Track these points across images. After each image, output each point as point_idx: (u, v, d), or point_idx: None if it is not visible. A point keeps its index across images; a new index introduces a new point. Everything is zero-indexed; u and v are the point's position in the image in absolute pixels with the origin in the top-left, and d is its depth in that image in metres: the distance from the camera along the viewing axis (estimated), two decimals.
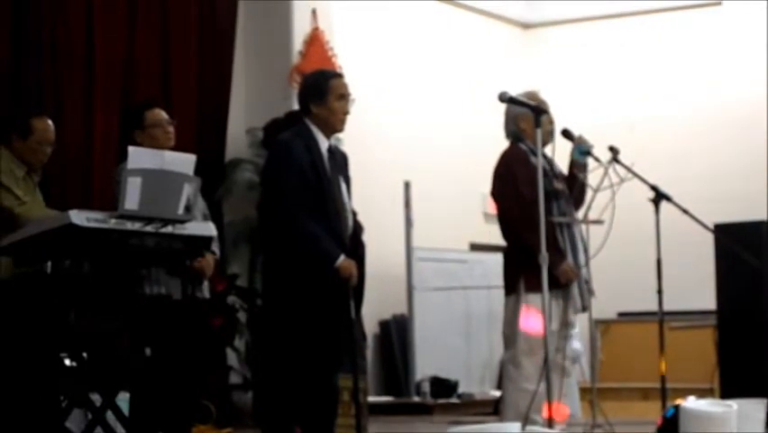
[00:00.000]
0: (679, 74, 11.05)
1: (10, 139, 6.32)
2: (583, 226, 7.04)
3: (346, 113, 6.21)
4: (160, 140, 6.43)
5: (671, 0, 11.09)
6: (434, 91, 10.60)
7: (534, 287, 6.60)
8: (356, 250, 6.13)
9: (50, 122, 6.32)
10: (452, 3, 10.86)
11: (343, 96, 6.19)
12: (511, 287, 7.00)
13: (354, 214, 6.27)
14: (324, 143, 6.14)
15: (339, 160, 6.22)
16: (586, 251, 7.02)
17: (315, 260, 5.93)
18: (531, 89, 7.17)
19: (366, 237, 6.52)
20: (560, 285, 6.84)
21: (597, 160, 6.93)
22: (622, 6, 11.31)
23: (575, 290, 6.98)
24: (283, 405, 5.97)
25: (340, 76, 6.38)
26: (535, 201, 6.34)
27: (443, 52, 10.78)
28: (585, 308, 7.07)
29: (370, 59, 9.94)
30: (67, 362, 5.81)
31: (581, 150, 6.98)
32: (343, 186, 6.17)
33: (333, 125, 6.18)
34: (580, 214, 7.07)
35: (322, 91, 6.15)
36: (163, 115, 6.56)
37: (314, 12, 9.18)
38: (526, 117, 6.76)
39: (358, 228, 6.28)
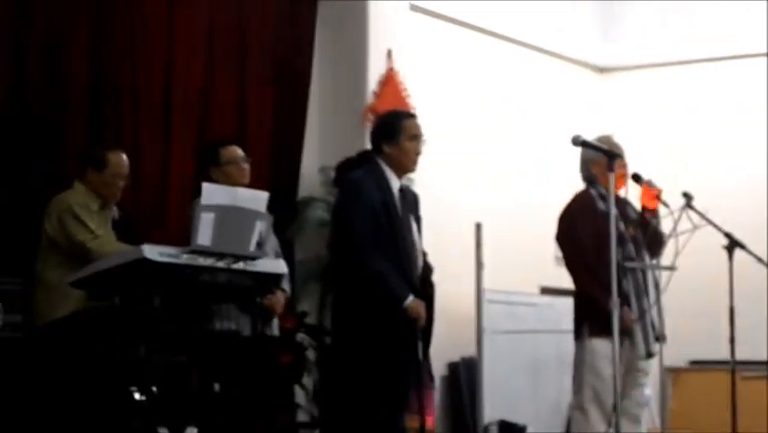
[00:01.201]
0: (755, 122, 10.94)
1: (85, 172, 6.41)
2: (657, 273, 6.99)
3: (418, 153, 6.23)
4: (234, 177, 6.49)
5: (749, 47, 11.00)
6: (508, 133, 10.58)
7: (597, 332, 6.57)
8: (425, 290, 6.12)
9: (124, 156, 6.41)
10: (527, 46, 10.85)
11: (416, 137, 6.22)
12: (578, 332, 6.98)
13: (424, 254, 6.28)
14: (395, 183, 6.15)
15: (410, 200, 6.24)
16: (659, 297, 6.96)
17: (384, 299, 5.93)
18: (605, 134, 7.15)
19: (436, 278, 6.52)
20: (621, 331, 6.78)
21: (665, 205, 6.88)
22: (698, 52, 11.22)
23: (639, 336, 6.92)
24: None
25: (413, 116, 6.41)
26: (594, 246, 6.32)
27: (518, 95, 10.76)
28: (650, 355, 7.00)
29: (444, 100, 9.95)
30: (136, 395, 5.85)
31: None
32: (414, 226, 6.18)
33: (405, 165, 6.20)
34: (655, 260, 7.02)
35: (395, 131, 6.18)
36: (238, 152, 6.63)
37: (389, 52, 9.22)
38: (599, 162, 6.74)
39: (427, 269, 6.28)
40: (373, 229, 5.99)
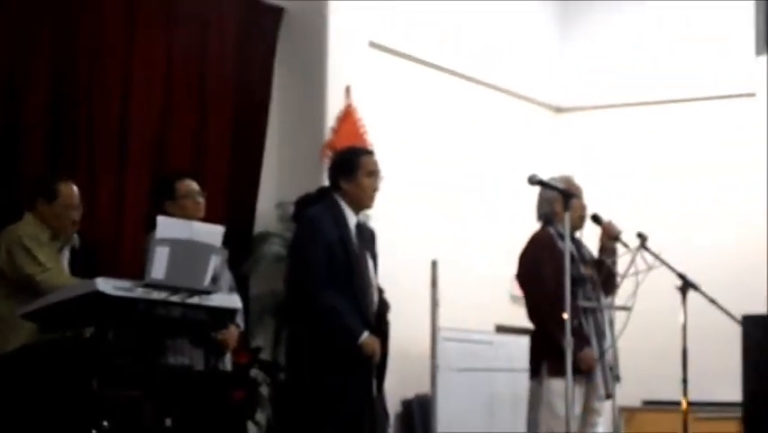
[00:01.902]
0: (710, 163, 11.03)
1: (35, 203, 6.36)
2: (611, 313, 7.02)
3: (375, 189, 6.24)
4: (189, 211, 6.47)
5: (705, 90, 11.11)
6: (465, 171, 10.61)
7: (556, 372, 6.57)
8: (380, 327, 6.12)
9: (74, 187, 6.36)
10: (484, 84, 10.90)
11: (373, 173, 6.23)
12: (535, 370, 6.98)
13: (381, 291, 6.27)
14: (352, 219, 6.16)
15: (367, 236, 6.24)
16: (613, 337, 6.99)
17: (339, 335, 5.92)
18: (566, 174, 7.19)
19: (392, 315, 6.51)
20: (582, 371, 6.80)
21: (625, 245, 6.93)
22: (655, 94, 11.33)
23: (598, 377, 6.95)
24: None
25: (370, 153, 6.43)
26: (558, 286, 6.33)
27: (476, 133, 10.80)
28: (609, 396, 7.02)
29: (402, 137, 9.97)
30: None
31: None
32: (370, 262, 6.18)
33: (362, 202, 6.21)
34: (609, 300, 7.05)
35: (352, 167, 6.19)
36: (194, 186, 6.61)
37: (347, 89, 9.24)
38: (560, 201, 6.77)
39: (384, 306, 6.27)
40: (329, 265, 5.99)
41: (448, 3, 10.36)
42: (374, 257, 6.25)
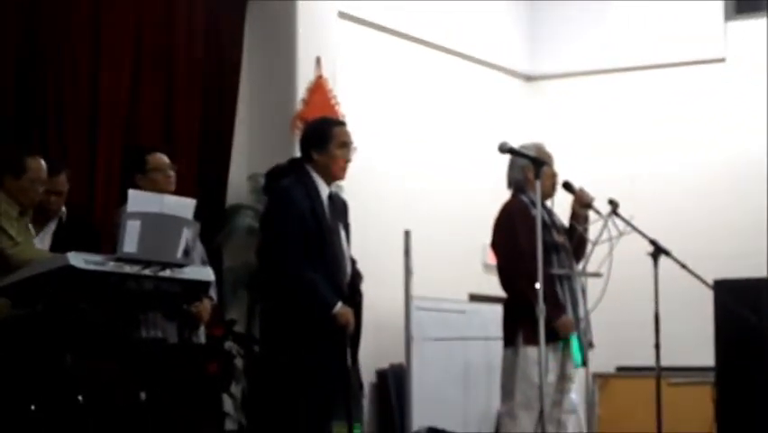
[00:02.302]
0: (681, 130, 11.06)
1: (3, 179, 6.32)
2: (583, 279, 7.04)
3: (348, 161, 6.23)
4: (160, 184, 6.45)
5: (675, 55, 11.13)
6: (437, 141, 10.61)
7: (533, 339, 6.58)
8: (354, 297, 6.12)
9: (42, 161, 6.33)
10: (456, 54, 10.89)
11: (345, 144, 6.21)
12: (510, 339, 7.00)
13: (353, 262, 6.27)
14: (324, 191, 6.14)
15: (339, 207, 6.23)
16: (585, 303, 7.01)
17: (313, 307, 5.92)
18: (537, 142, 7.19)
19: (365, 286, 6.51)
20: (559, 338, 6.83)
21: (597, 212, 6.95)
22: (625, 61, 11.34)
23: (575, 343, 6.97)
24: None
25: (342, 124, 6.42)
26: (533, 254, 6.34)
27: (447, 102, 10.80)
28: (585, 362, 7.06)
29: (373, 107, 9.96)
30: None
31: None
32: (343, 233, 6.18)
33: (334, 173, 6.19)
34: (579, 267, 7.08)
35: (324, 139, 6.17)
36: (165, 159, 6.59)
37: (318, 60, 9.21)
38: (532, 168, 6.76)
39: (357, 276, 6.27)
40: (302, 237, 5.98)
41: None
42: (346, 228, 6.24)
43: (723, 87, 10.96)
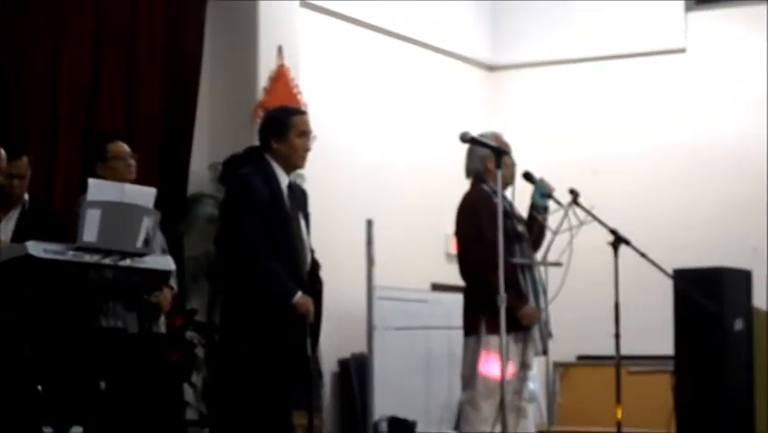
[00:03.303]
0: (641, 120, 11.11)
1: None
2: (543, 269, 7.06)
3: (307, 150, 6.22)
4: (121, 173, 6.43)
5: (636, 46, 11.18)
6: (398, 130, 10.62)
7: (495, 329, 6.60)
8: (314, 286, 6.11)
9: (1, 150, 6.29)
10: (417, 43, 10.89)
11: (305, 133, 6.20)
12: (472, 328, 7.01)
13: (312, 251, 6.26)
14: (284, 180, 6.13)
15: (299, 196, 6.22)
16: (545, 293, 7.04)
17: (273, 296, 5.91)
18: (495, 131, 7.20)
19: (327, 275, 6.51)
20: (521, 327, 6.85)
21: (558, 202, 6.97)
22: (587, 51, 11.37)
23: (536, 332, 7.00)
24: None
25: (302, 113, 6.40)
26: (497, 242, 6.36)
27: (408, 92, 10.80)
28: (545, 351, 7.08)
29: (335, 97, 9.95)
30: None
31: (542, 192, 7.02)
32: (303, 222, 6.16)
33: (293, 162, 6.18)
34: (538, 256, 7.10)
35: (283, 128, 6.16)
36: (125, 148, 6.57)
37: (279, 49, 9.19)
38: (493, 158, 6.78)
39: (315, 265, 6.27)
40: (262, 226, 5.96)
41: None
42: (306, 217, 6.23)
43: (684, 78, 11.01)
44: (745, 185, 10.43)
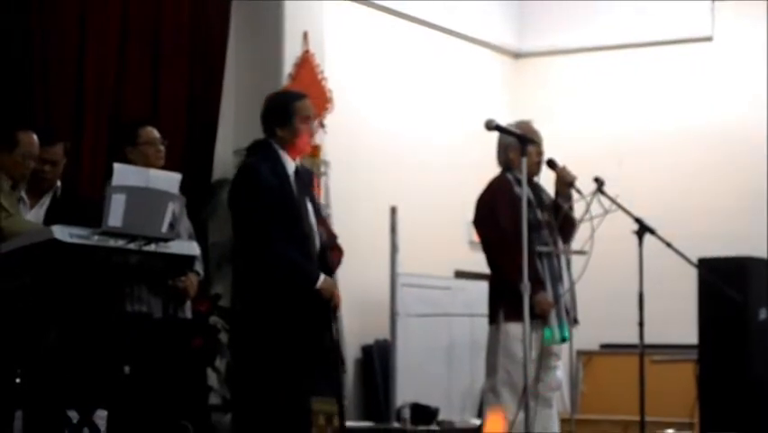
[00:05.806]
0: (667, 109, 11.08)
1: None
2: (568, 257, 7.05)
3: (312, 134, 6.19)
4: (151, 158, 6.45)
5: (662, 34, 11.13)
6: (424, 118, 10.61)
7: (513, 316, 6.61)
8: (324, 270, 6.01)
9: (35, 135, 6.32)
10: (443, 30, 10.87)
11: (309, 118, 6.14)
12: (493, 315, 7.02)
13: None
14: (290, 166, 6.06)
15: (306, 180, 6.15)
16: (570, 279, 7.03)
17: (296, 283, 5.87)
18: (524, 119, 7.19)
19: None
20: (537, 315, 6.85)
21: (578, 192, 6.94)
22: (614, 39, 11.34)
23: (554, 320, 6.99)
24: (259, 427, 5.91)
25: (304, 96, 6.27)
26: (514, 231, 6.36)
27: (434, 79, 10.79)
28: (564, 339, 7.07)
29: (360, 83, 9.95)
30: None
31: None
32: (310, 206, 6.09)
33: (299, 147, 6.12)
34: (564, 246, 7.09)
35: (287, 114, 6.09)
36: (156, 133, 6.59)
37: (305, 35, 9.19)
38: (516, 147, 6.77)
39: (324, 250, 6.12)
40: (271, 215, 5.88)
41: None
42: (313, 200, 6.16)
43: (710, 66, 10.97)
44: None
